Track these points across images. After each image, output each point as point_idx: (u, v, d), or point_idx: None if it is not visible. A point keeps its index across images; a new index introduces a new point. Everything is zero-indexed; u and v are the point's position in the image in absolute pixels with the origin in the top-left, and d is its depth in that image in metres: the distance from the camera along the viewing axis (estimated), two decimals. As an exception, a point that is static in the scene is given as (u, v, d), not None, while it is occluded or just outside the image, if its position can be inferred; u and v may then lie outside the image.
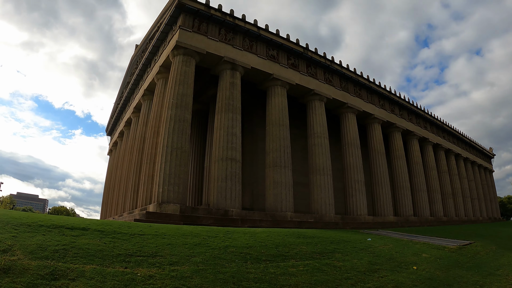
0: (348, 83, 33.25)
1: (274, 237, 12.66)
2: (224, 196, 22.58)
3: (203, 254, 9.42)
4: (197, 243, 10.53)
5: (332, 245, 12.77)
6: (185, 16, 25.03)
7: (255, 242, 11.51)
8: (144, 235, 10.73)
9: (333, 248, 12.26)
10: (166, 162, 21.70)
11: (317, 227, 24.92)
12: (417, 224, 34.11)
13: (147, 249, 9.20)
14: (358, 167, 31.11)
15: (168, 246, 9.78)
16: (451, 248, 15.01)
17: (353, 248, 12.68)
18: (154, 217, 19.63)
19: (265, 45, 28.08)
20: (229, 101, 24.93)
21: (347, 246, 12.88)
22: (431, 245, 15.41)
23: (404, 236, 19.05)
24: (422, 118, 41.87)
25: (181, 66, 24.15)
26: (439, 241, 17.70)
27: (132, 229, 11.41)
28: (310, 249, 11.58)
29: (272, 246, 11.16)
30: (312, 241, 13.03)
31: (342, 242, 13.59)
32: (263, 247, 10.89)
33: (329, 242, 13.18)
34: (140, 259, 8.36)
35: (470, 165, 54.94)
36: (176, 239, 10.64)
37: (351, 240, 14.59)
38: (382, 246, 14.06)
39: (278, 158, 25.89)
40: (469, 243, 17.08)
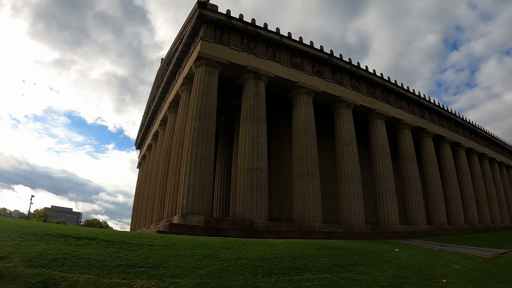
0: (375, 88, 31.74)
1: (293, 249, 11.54)
2: (250, 207, 21.55)
3: (211, 266, 8.59)
4: (207, 254, 9.64)
5: (355, 256, 11.52)
6: (206, 27, 24.39)
7: (271, 253, 10.45)
8: (153, 245, 10.02)
9: (356, 260, 11.03)
10: (190, 173, 20.92)
11: (346, 238, 23.52)
12: (451, 233, 31.98)
13: (151, 260, 8.68)
14: (388, 175, 29.47)
15: (175, 257, 9.05)
16: (485, 257, 13.39)
17: (377, 260, 11.42)
18: (177, 229, 18.90)
19: (288, 53, 27.06)
20: (254, 111, 23.99)
21: (371, 258, 11.59)
22: (464, 255, 13.86)
23: (435, 246, 17.48)
24: (453, 122, 39.65)
25: (204, 77, 23.46)
26: (473, 250, 16.02)
27: (142, 239, 10.70)
28: (330, 261, 10.40)
29: (289, 258, 10.08)
30: (334, 252, 11.83)
31: (366, 254, 12.30)
32: (278, 259, 9.83)
33: (352, 254, 11.93)
34: (142, 270, 7.87)
35: (505, 169, 51.78)
36: (186, 250, 9.83)
37: (377, 251, 13.26)
38: (410, 257, 12.67)
39: (305, 167, 24.68)
40: (505, 252, 15.11)
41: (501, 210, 45.00)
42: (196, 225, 19.35)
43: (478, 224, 37.49)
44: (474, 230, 35.50)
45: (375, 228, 26.89)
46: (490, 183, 43.74)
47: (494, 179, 45.18)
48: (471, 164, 41.62)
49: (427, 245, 17.96)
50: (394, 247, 15.01)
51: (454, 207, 35.31)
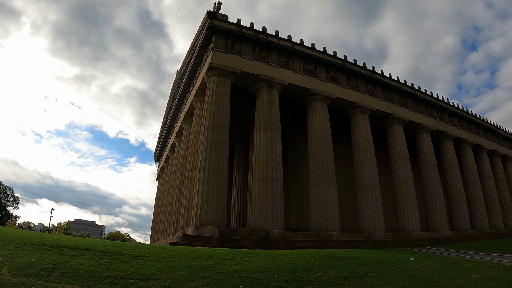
0: (392, 93, 30.49)
1: (298, 260, 10.60)
2: (265, 217, 20.63)
3: (204, 278, 7.91)
4: (204, 266, 8.92)
5: (365, 267, 10.43)
6: (217, 37, 23.83)
7: (273, 265, 9.54)
8: (150, 257, 9.46)
9: (364, 271, 9.97)
10: (203, 184, 20.20)
11: (365, 247, 22.29)
12: (475, 238, 30.23)
13: (144, 271, 8.17)
14: (408, 181, 28.09)
15: (169, 269, 8.46)
16: (506, 265, 12.03)
17: (388, 271, 10.34)
18: (190, 240, 18.11)
19: (301, 60, 26.20)
20: (267, 119, 23.17)
21: (382, 269, 10.49)
22: (484, 263, 12.55)
23: (455, 254, 16.17)
24: (474, 124, 37.86)
25: (216, 87, 22.83)
26: (494, 257, 14.66)
27: (140, 251, 10.16)
28: (335, 273, 9.38)
29: (291, 270, 9.15)
30: (342, 263, 10.80)
31: (377, 264, 11.20)
32: (279, 271, 8.92)
33: (362, 264, 10.83)
34: (130, 282, 7.42)
35: None
36: (183, 262, 9.15)
37: (390, 260, 12.12)
38: (425, 266, 11.49)
39: (321, 176, 23.64)
40: None
41: None
42: (210, 236, 18.60)
43: (503, 228, 35.48)
44: (499, 234, 33.56)
45: (396, 235, 25.54)
46: (515, 186, 41.54)
47: (518, 182, 42.98)
48: (494, 167, 39.61)
49: (446, 253, 16.66)
50: (410, 256, 13.84)
51: (478, 211, 33.53)
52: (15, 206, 71.81)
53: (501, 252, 16.76)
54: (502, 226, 35.70)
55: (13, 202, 71.00)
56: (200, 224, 19.23)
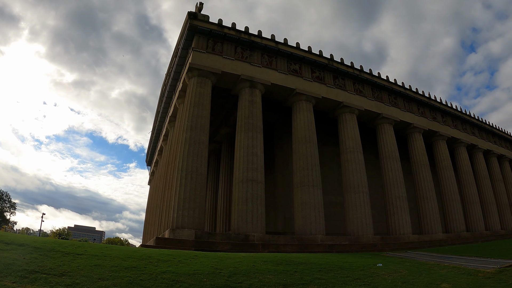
0: (381, 92, 29.63)
1: (245, 264, 9.79)
2: (245, 220, 19.87)
3: (121, 278, 7.35)
4: (132, 266, 8.30)
5: (317, 274, 9.48)
6: (198, 37, 23.25)
7: (211, 268, 8.77)
8: (82, 254, 8.99)
9: (314, 278, 8.99)
10: (180, 186, 19.51)
11: (350, 251, 21.40)
12: (470, 240, 29.16)
13: (63, 268, 7.75)
14: (398, 182, 27.17)
15: (92, 267, 7.99)
16: (487, 272, 11.12)
17: (343, 278, 9.38)
18: (165, 243, 17.56)
19: (285, 60, 25.50)
20: (249, 120, 22.47)
21: (336, 276, 9.53)
22: (462, 270, 11.57)
23: (435, 258, 15.18)
24: (468, 123, 36.81)
25: (195, 88, 22.18)
26: (478, 262, 13.66)
27: (78, 249, 9.77)
28: (277, 279, 8.50)
29: (226, 275, 8.39)
30: (294, 269, 9.89)
31: (335, 270, 10.26)
32: (211, 275, 8.17)
33: (317, 270, 9.88)
34: (42, 276, 7.07)
35: None
36: (111, 261, 8.58)
37: (353, 266, 11.17)
38: (390, 274, 10.52)
39: (305, 177, 22.84)
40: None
41: None
42: (186, 239, 17.89)
43: (500, 230, 34.31)
44: (496, 236, 32.48)
45: (385, 239, 24.62)
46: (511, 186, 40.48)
47: (516, 182, 41.80)
48: (490, 167, 38.46)
49: (426, 257, 15.61)
50: (380, 261, 12.86)
51: (473, 213, 32.43)
52: (12, 212, 71.68)
53: (489, 257, 15.64)
54: (499, 228, 34.58)
55: (10, 208, 70.80)
56: (177, 227, 18.56)
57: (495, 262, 13.31)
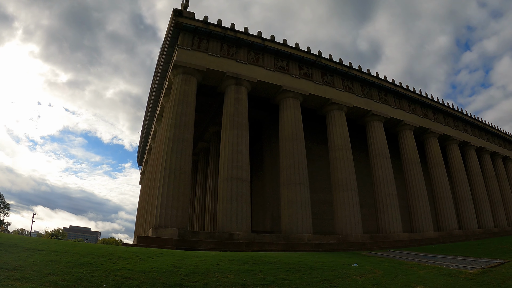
0: (371, 89, 29.34)
1: (209, 262, 9.50)
2: (230, 218, 19.59)
3: (72, 274, 7.16)
4: (88, 263, 8.10)
5: (283, 274, 9.10)
6: (184, 35, 22.98)
7: (170, 266, 8.51)
8: (42, 250, 8.86)
9: (277, 279, 8.57)
10: (163, 184, 19.23)
11: (338, 250, 21.16)
12: (463, 238, 28.88)
13: (17, 263, 7.61)
14: (388, 180, 26.88)
15: (47, 262, 7.84)
16: (469, 273, 10.74)
17: (310, 279, 8.91)
18: (146, 242, 17.37)
19: (272, 56, 25.21)
20: (234, 118, 22.19)
21: (303, 277, 9.11)
22: (443, 270, 11.13)
23: (417, 258, 14.76)
24: (460, 120, 36.53)
25: (180, 86, 21.91)
26: (462, 262, 13.21)
27: (41, 245, 9.57)
28: (236, 279, 8.12)
29: (183, 273, 8.08)
30: (259, 268, 9.54)
31: (304, 270, 9.87)
32: (168, 273, 7.89)
33: (284, 270, 9.52)
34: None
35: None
36: (69, 257, 8.43)
37: (325, 267, 10.75)
38: (363, 275, 10.07)
39: (292, 175, 22.55)
40: (501, 263, 12.26)
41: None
42: (168, 238, 17.64)
43: (493, 227, 34.05)
44: (489, 234, 32.18)
45: (374, 237, 24.32)
46: (505, 183, 39.89)
47: (509, 179, 41.14)
48: (483, 164, 38.17)
49: (409, 256, 15.24)
50: (359, 261, 12.47)
51: (465, 210, 32.13)
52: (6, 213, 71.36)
53: (475, 256, 15.24)
54: (492, 225, 34.31)
55: (3, 209, 70.49)
56: (159, 226, 18.30)
57: (480, 262, 12.93)
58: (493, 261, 12.94)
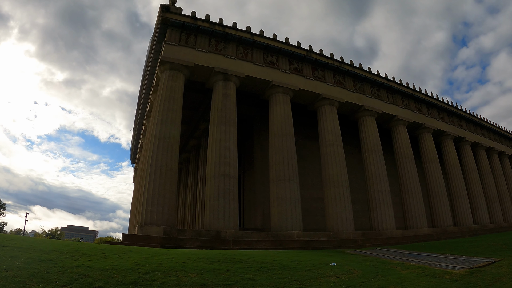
0: (363, 84, 29.08)
1: (175, 261, 9.19)
2: (217, 216, 19.35)
3: (27, 270, 6.97)
4: (48, 259, 7.92)
5: (251, 274, 8.69)
6: (171, 30, 22.76)
7: (133, 264, 8.27)
8: (6, 246, 8.73)
9: (242, 279, 8.09)
10: (149, 181, 19.01)
11: (328, 247, 20.91)
12: (457, 235, 28.62)
13: None
14: (381, 176, 26.63)
15: (7, 258, 7.71)
16: (456, 273, 10.08)
17: (279, 280, 8.39)
18: (132, 240, 17.25)
19: (262, 51, 24.95)
20: (222, 113, 21.96)
21: (272, 277, 8.62)
22: (428, 270, 10.58)
23: (403, 256, 14.24)
24: (455, 115, 36.24)
25: (167, 82, 21.69)
26: (450, 261, 12.57)
27: (8, 241, 9.43)
28: (198, 279, 7.72)
29: (142, 272, 7.80)
30: (227, 267, 9.17)
31: (275, 270, 9.44)
32: (125, 271, 7.63)
33: (254, 270, 9.11)
34: None
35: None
36: (30, 254, 8.22)
37: (300, 266, 10.32)
38: (339, 275, 9.53)
39: (281, 171, 22.31)
40: (491, 263, 11.63)
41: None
42: (153, 236, 17.42)
43: (489, 223, 33.80)
44: (485, 230, 31.94)
45: (366, 234, 24.06)
46: (501, 179, 39.59)
47: (505, 175, 40.87)
48: (478, 160, 37.87)
49: (395, 255, 14.85)
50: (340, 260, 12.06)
51: (461, 206, 31.86)
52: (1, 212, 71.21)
53: (465, 255, 14.55)
54: (488, 222, 34.05)
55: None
56: (145, 224, 18.10)
57: (469, 262, 12.34)
58: (483, 260, 12.35)
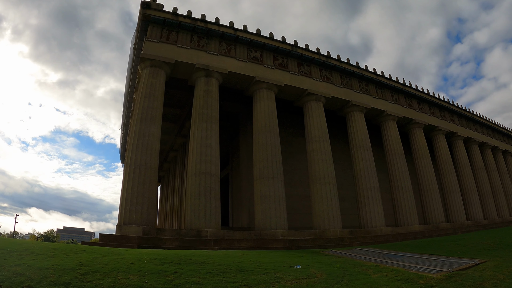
0: (351, 79, 28.84)
1: (122, 261, 8.83)
2: (197, 215, 19.07)
3: None
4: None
5: (199, 277, 8.11)
6: (152, 27, 22.56)
7: (75, 264, 7.98)
8: None
9: (186, 282, 7.59)
10: (129, 180, 18.78)
11: (313, 246, 20.65)
12: (450, 232, 28.33)
13: None
14: (370, 172, 26.35)
15: None
16: (431, 278, 9.21)
17: (228, 284, 7.88)
18: (109, 240, 17.00)
19: (245, 47, 24.73)
20: (203, 110, 21.71)
21: (222, 280, 8.08)
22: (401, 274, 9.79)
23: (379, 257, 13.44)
24: (447, 110, 35.97)
25: (147, 79, 21.46)
26: (428, 263, 11.47)
27: None
28: (137, 282, 7.29)
29: (81, 272, 7.45)
30: (176, 269, 8.65)
31: (229, 273, 8.80)
32: (63, 271, 7.32)
33: (205, 272, 8.56)
34: None
35: (510, 158, 46.55)
36: None
37: (258, 268, 9.72)
38: (300, 279, 8.84)
39: (265, 169, 22.03)
40: (474, 265, 10.79)
41: (509, 203, 40.37)
42: (131, 236, 17.18)
43: (482, 219, 33.55)
44: (478, 226, 31.68)
45: (354, 232, 23.74)
46: (494, 174, 39.37)
47: (498, 170, 40.63)
48: (471, 155, 37.59)
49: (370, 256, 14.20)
50: (309, 261, 11.45)
51: (453, 203, 31.59)
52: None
53: (448, 255, 13.40)
54: (482, 217, 33.81)
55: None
56: (124, 223, 17.88)
57: (451, 263, 11.40)
58: (466, 262, 11.41)
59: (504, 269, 10.07)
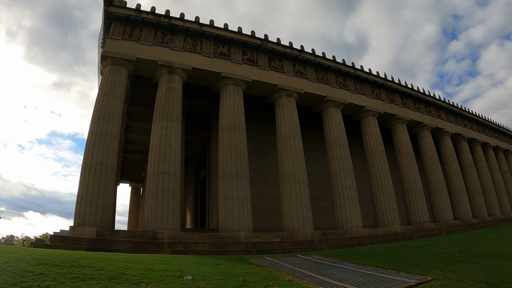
0: (327, 73, 28.74)
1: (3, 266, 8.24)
2: (155, 216, 19.08)
3: None
4: None
5: (46, 282, 7.35)
6: (115, 25, 22.79)
7: None
8: None
9: (32, 285, 6.98)
10: (84, 180, 18.85)
11: (278, 250, 20.22)
12: (434, 232, 27.94)
13: None
14: (346, 171, 26.12)
15: None
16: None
17: None
18: (59, 242, 17.07)
19: (212, 42, 24.81)
20: (164, 108, 21.77)
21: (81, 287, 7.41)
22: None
23: (304, 270, 11.67)
24: (433, 105, 35.67)
25: (108, 77, 21.61)
26: (358, 280, 9.82)
27: None
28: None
29: None
30: (46, 273, 7.97)
31: (99, 279, 8.03)
32: None
33: (70, 278, 7.84)
34: None
35: (502, 154, 46.14)
36: None
37: (138, 276, 8.71)
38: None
39: (228, 168, 22.01)
40: (414, 285, 8.78)
41: (501, 200, 40.14)
42: (83, 237, 17.28)
43: (471, 219, 33.15)
44: (466, 226, 31.32)
45: (326, 234, 23.45)
46: (485, 171, 39.00)
47: (489, 167, 40.26)
48: (460, 152, 37.24)
49: (300, 266, 12.65)
50: (212, 270, 10.42)
51: (439, 202, 31.23)
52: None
53: (393, 268, 11.33)
54: (470, 216, 33.44)
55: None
56: (78, 225, 18.00)
57: (385, 281, 9.41)
58: (406, 281, 9.30)
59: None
